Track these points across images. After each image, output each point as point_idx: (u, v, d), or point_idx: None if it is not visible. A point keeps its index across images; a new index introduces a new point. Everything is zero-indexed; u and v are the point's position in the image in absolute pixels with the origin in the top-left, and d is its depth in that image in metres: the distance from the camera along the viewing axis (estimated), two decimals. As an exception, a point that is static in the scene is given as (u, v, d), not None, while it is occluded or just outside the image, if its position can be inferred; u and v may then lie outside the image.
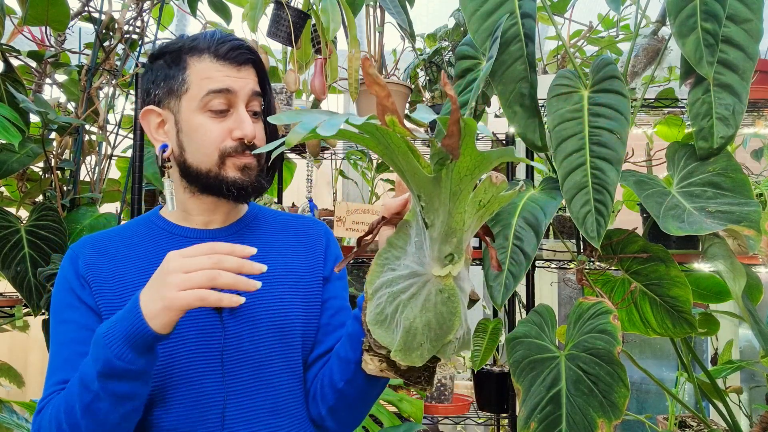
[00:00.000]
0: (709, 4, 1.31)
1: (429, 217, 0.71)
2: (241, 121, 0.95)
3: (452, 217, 0.68)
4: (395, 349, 0.74)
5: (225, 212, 1.03)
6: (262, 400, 0.95)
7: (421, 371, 0.79)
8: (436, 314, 0.72)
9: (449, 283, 0.72)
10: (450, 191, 0.66)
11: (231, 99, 0.96)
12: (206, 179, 0.97)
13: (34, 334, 2.32)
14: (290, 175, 2.62)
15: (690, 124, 1.45)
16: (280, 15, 1.76)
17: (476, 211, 0.70)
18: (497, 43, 1.35)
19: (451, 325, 0.73)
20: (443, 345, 0.74)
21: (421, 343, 0.73)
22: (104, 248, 0.99)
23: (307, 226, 1.11)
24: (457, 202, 0.67)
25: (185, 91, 0.96)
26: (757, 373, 2.29)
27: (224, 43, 0.97)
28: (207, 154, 0.96)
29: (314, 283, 1.05)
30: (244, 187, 0.97)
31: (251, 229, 1.05)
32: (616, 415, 1.14)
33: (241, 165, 0.97)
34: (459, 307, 0.73)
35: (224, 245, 0.80)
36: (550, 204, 1.37)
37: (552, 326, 1.33)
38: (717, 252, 1.36)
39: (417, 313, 0.72)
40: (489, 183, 0.67)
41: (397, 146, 0.64)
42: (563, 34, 2.03)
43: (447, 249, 0.71)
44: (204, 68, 0.96)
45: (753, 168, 2.20)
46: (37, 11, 1.75)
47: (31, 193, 1.85)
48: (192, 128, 0.96)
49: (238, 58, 0.97)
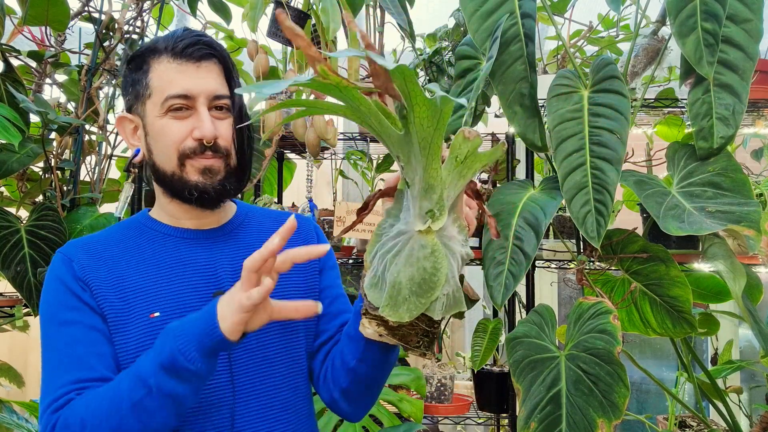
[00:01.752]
0: (709, 4, 1.31)
1: (409, 176, 0.73)
2: (200, 121, 0.93)
3: (427, 172, 0.70)
4: (383, 305, 0.75)
5: (213, 215, 1.02)
6: (270, 397, 0.96)
7: (419, 336, 0.79)
8: (419, 269, 0.73)
9: (431, 239, 0.73)
10: (420, 146, 0.68)
11: (190, 100, 0.94)
12: (170, 182, 0.96)
13: (34, 334, 2.32)
14: (290, 175, 2.62)
15: (690, 124, 1.45)
16: (280, 15, 1.76)
17: (454, 167, 0.71)
18: (497, 43, 1.35)
19: (435, 280, 0.73)
20: (431, 302, 0.74)
21: (407, 297, 0.74)
22: (97, 251, 0.97)
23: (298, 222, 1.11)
24: (429, 156, 0.69)
25: (149, 95, 0.96)
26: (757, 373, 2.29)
27: (182, 39, 0.95)
28: (168, 155, 0.95)
29: (311, 275, 1.06)
30: (205, 191, 0.95)
31: (245, 227, 1.05)
32: (616, 415, 1.14)
33: (201, 167, 0.94)
34: (443, 263, 0.73)
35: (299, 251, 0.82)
36: (550, 204, 1.37)
37: (552, 326, 1.33)
38: (717, 252, 1.36)
39: (401, 268, 0.74)
40: (462, 138, 0.69)
41: (366, 107, 0.65)
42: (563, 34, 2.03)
43: (427, 205, 0.72)
44: (163, 70, 0.95)
45: (753, 168, 2.20)
46: (37, 11, 1.75)
47: (31, 193, 1.85)
48: (156, 131, 0.95)
49: (195, 54, 0.94)
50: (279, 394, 0.97)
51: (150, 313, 0.92)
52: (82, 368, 0.88)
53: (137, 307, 0.93)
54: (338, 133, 1.88)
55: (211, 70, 0.96)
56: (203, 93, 0.94)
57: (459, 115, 1.46)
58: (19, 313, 1.73)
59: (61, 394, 0.87)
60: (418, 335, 0.79)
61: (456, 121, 1.45)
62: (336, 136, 1.83)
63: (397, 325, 0.77)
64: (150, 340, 0.89)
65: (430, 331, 0.79)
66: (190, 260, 0.97)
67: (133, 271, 0.95)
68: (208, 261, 0.98)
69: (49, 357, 0.92)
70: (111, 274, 0.95)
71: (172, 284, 0.95)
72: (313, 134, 1.79)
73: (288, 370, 0.99)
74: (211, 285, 0.96)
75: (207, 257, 0.98)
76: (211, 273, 0.97)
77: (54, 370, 0.90)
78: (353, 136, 2.10)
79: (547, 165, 2.23)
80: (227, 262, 0.98)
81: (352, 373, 0.95)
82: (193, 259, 0.97)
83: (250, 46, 1.79)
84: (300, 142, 1.85)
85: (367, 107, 0.64)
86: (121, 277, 0.95)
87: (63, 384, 0.88)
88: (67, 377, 0.88)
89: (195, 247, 0.99)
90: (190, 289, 0.95)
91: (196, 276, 0.96)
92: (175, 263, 0.97)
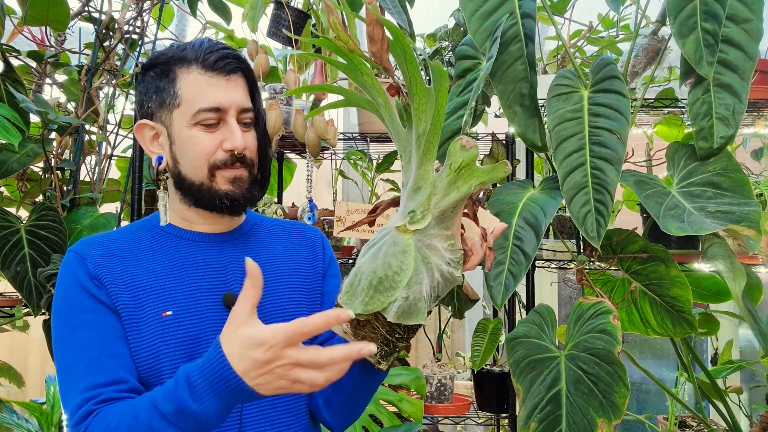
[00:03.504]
0: (709, 4, 1.31)
1: (405, 176, 0.73)
2: (232, 133, 0.95)
3: (418, 172, 0.70)
4: (341, 291, 0.75)
5: (226, 220, 1.04)
6: (277, 399, 0.97)
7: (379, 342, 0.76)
8: (383, 264, 0.72)
9: (406, 238, 0.72)
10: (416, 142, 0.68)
11: (221, 113, 0.96)
12: (199, 192, 0.97)
13: (34, 334, 2.32)
14: (290, 175, 2.62)
15: (690, 124, 1.45)
16: (280, 15, 1.76)
17: (448, 174, 0.70)
18: (497, 43, 1.35)
19: (398, 279, 0.72)
20: (388, 302, 0.73)
21: (364, 289, 0.73)
22: (110, 250, 0.98)
23: (304, 230, 1.14)
24: (423, 155, 0.69)
25: (177, 105, 0.96)
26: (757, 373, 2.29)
27: (212, 53, 0.97)
28: (198, 166, 0.96)
29: (316, 281, 1.08)
30: (236, 199, 0.97)
31: (255, 234, 1.07)
32: (616, 415, 1.14)
33: (231, 177, 0.97)
34: (410, 264, 0.72)
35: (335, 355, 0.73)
36: (550, 204, 1.37)
37: (552, 326, 1.33)
38: (717, 252, 1.36)
39: (367, 259, 0.74)
40: (460, 146, 0.69)
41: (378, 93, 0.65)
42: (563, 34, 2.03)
43: (411, 205, 0.72)
44: (193, 80, 0.96)
45: (753, 168, 2.20)
46: (37, 11, 1.75)
47: (31, 193, 1.85)
48: (184, 141, 0.96)
49: (226, 67, 0.96)
50: (282, 396, 0.97)
51: (162, 312, 0.93)
52: (96, 373, 0.88)
53: (150, 306, 0.93)
54: (338, 133, 1.88)
55: (239, 84, 0.99)
56: (233, 106, 0.96)
57: (459, 115, 1.46)
58: (19, 313, 1.73)
59: (78, 403, 0.86)
60: (378, 341, 0.76)
61: (456, 121, 1.45)
62: (336, 136, 1.83)
63: (358, 322, 0.75)
64: (162, 338, 0.91)
65: (391, 340, 0.77)
66: (202, 262, 0.99)
67: (145, 271, 0.96)
68: (219, 263, 1.00)
69: (64, 360, 0.91)
70: (124, 273, 0.95)
71: (184, 284, 0.96)
72: (313, 134, 1.79)
73: None
74: (221, 286, 0.98)
75: (218, 260, 1.00)
76: (222, 275, 0.99)
77: (70, 374, 0.90)
78: (353, 136, 2.10)
79: (547, 165, 2.23)
80: (237, 265, 1.00)
81: (335, 385, 0.93)
82: (204, 261, 0.99)
83: (250, 46, 1.79)
84: (300, 142, 1.85)
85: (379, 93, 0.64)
86: (134, 275, 0.95)
87: (79, 391, 0.87)
88: (81, 383, 0.88)
89: (206, 249, 1.01)
90: (201, 290, 0.96)
91: (208, 277, 0.98)
92: (187, 264, 0.98)
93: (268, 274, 1.00)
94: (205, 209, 0.99)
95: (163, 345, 0.91)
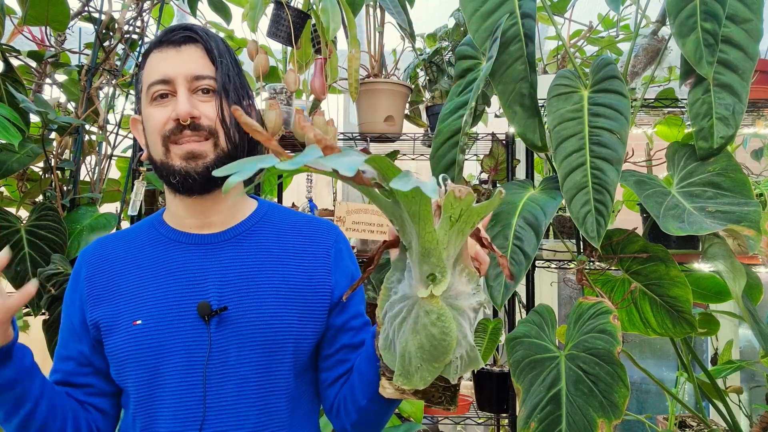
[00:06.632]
0: (709, 4, 1.31)
1: (405, 239, 0.70)
2: (177, 102, 0.91)
3: (422, 237, 0.67)
4: (396, 375, 0.73)
5: (216, 213, 0.97)
6: (245, 418, 0.90)
7: (441, 392, 0.78)
8: (427, 336, 0.71)
9: (436, 304, 0.70)
10: (410, 214, 0.65)
11: (170, 85, 0.92)
12: (160, 170, 0.94)
13: (34, 335, 2.32)
14: (290, 175, 2.62)
15: (690, 124, 1.45)
16: (280, 15, 1.76)
17: (450, 227, 0.68)
18: (497, 43, 1.35)
19: (446, 345, 0.71)
20: (445, 366, 0.73)
21: (418, 366, 0.72)
22: (106, 254, 0.99)
23: (317, 233, 1.02)
24: (420, 224, 0.65)
25: (141, 89, 0.97)
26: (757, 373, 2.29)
27: (165, 30, 0.96)
28: (155, 142, 0.93)
29: (315, 297, 0.96)
30: (188, 175, 0.91)
31: (252, 234, 0.99)
32: (616, 415, 1.14)
33: (183, 152, 0.91)
34: (451, 326, 0.70)
35: None
36: (550, 204, 1.37)
37: (552, 326, 1.33)
38: (717, 252, 1.36)
39: (408, 336, 0.72)
40: (453, 197, 0.65)
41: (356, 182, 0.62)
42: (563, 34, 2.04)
43: (427, 269, 0.69)
44: (149, 61, 0.96)
45: (753, 168, 2.20)
46: (37, 11, 1.75)
47: (31, 193, 1.85)
48: (146, 121, 0.95)
49: (174, 38, 0.94)
50: (255, 413, 0.91)
51: (134, 321, 0.91)
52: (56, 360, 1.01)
53: (124, 316, 0.92)
54: (338, 133, 1.88)
55: (192, 54, 0.94)
56: (181, 74, 0.92)
57: (459, 115, 1.46)
58: (19, 313, 1.73)
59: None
60: (440, 391, 0.78)
61: (456, 121, 1.45)
62: (336, 136, 1.83)
63: (417, 390, 0.76)
64: (132, 347, 0.90)
65: (452, 386, 0.78)
66: (182, 268, 0.94)
67: (127, 277, 0.95)
68: (199, 269, 0.94)
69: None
70: (108, 281, 0.96)
71: (158, 292, 0.93)
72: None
73: (269, 389, 0.92)
74: (197, 295, 0.92)
75: (199, 266, 0.94)
76: (200, 283, 0.93)
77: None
78: (353, 136, 2.10)
79: (547, 165, 2.23)
80: (218, 274, 0.94)
81: (363, 410, 0.92)
82: (184, 267, 0.94)
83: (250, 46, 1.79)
84: (300, 142, 1.85)
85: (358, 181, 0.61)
86: (116, 282, 0.95)
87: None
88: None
89: (190, 254, 0.96)
90: (173, 298, 0.92)
91: (184, 285, 0.93)
92: (166, 270, 0.94)
93: (252, 284, 0.93)
94: (170, 189, 0.96)
95: (130, 354, 0.90)
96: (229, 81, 0.94)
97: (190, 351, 0.90)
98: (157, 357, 0.90)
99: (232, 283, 0.93)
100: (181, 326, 0.90)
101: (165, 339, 0.90)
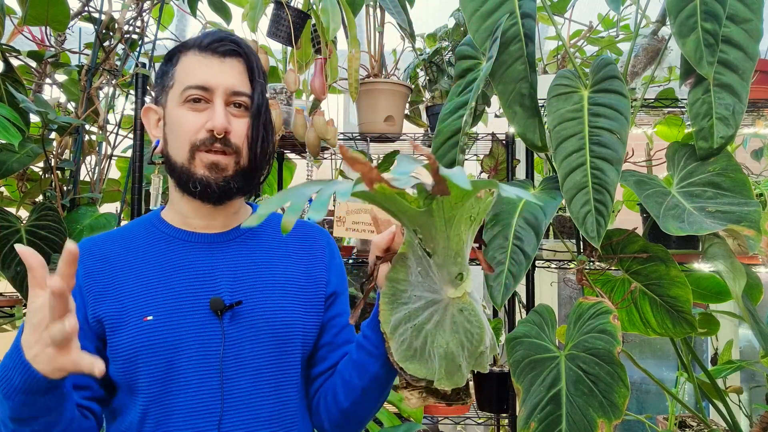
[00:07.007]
0: (709, 4, 1.31)
1: (429, 246, 0.72)
2: (214, 113, 0.93)
3: (451, 240, 0.70)
4: (438, 378, 0.76)
5: (223, 217, 1.01)
6: (259, 409, 0.93)
7: (460, 388, 0.81)
8: (465, 333, 0.75)
9: (467, 301, 0.74)
10: (444, 220, 0.68)
11: (208, 93, 0.95)
12: (179, 174, 0.96)
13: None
14: (290, 175, 2.62)
15: (690, 124, 1.45)
16: (280, 15, 1.76)
17: (469, 226, 0.72)
18: (497, 43, 1.35)
19: (481, 337, 0.76)
20: (477, 358, 0.77)
21: (460, 364, 0.76)
22: (103, 253, 0.98)
23: (311, 233, 1.08)
24: (453, 226, 0.69)
25: (171, 86, 0.97)
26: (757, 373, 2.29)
27: (210, 36, 0.97)
28: (181, 146, 0.95)
29: (314, 291, 1.02)
30: (209, 185, 0.94)
31: (255, 234, 1.03)
32: (616, 415, 1.14)
33: (209, 162, 0.94)
34: (482, 318, 0.75)
35: None
36: (550, 204, 1.37)
37: (552, 326, 1.33)
38: (717, 252, 1.36)
39: (449, 337, 0.75)
40: (475, 199, 0.69)
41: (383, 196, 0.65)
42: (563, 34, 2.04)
43: (455, 270, 0.73)
44: (188, 61, 0.96)
45: (753, 168, 2.20)
46: (37, 11, 1.75)
47: (31, 193, 1.85)
48: (172, 120, 0.96)
49: (219, 48, 0.95)
50: (270, 405, 0.94)
51: (144, 317, 0.92)
52: None
53: (132, 311, 0.93)
54: (338, 133, 1.88)
55: (234, 67, 0.96)
56: (221, 86, 0.94)
57: (459, 115, 1.46)
58: (19, 313, 1.73)
59: None
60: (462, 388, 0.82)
61: (456, 121, 1.45)
62: (336, 136, 1.83)
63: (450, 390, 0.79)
64: (141, 343, 0.90)
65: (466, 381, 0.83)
66: (191, 264, 0.96)
67: (131, 274, 0.95)
68: (208, 266, 0.97)
69: None
70: (110, 278, 0.95)
71: (168, 288, 0.94)
72: (313, 134, 1.79)
73: (281, 380, 0.96)
74: (208, 291, 0.95)
75: (208, 262, 0.97)
76: (210, 279, 0.95)
77: None
78: (353, 136, 2.10)
79: (547, 165, 2.23)
80: (227, 270, 0.97)
81: (345, 412, 0.95)
82: (193, 264, 0.96)
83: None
84: (300, 142, 1.85)
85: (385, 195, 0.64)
86: (120, 280, 0.95)
87: None
88: None
89: (197, 251, 0.98)
90: (186, 294, 0.94)
91: (195, 281, 0.95)
92: (174, 267, 0.96)
93: (260, 280, 0.97)
94: (186, 194, 0.97)
95: (141, 349, 0.90)
96: (262, 101, 0.98)
97: (204, 345, 0.92)
98: (172, 351, 0.91)
99: (242, 278, 0.96)
100: (194, 321, 0.92)
101: (179, 333, 0.91)
